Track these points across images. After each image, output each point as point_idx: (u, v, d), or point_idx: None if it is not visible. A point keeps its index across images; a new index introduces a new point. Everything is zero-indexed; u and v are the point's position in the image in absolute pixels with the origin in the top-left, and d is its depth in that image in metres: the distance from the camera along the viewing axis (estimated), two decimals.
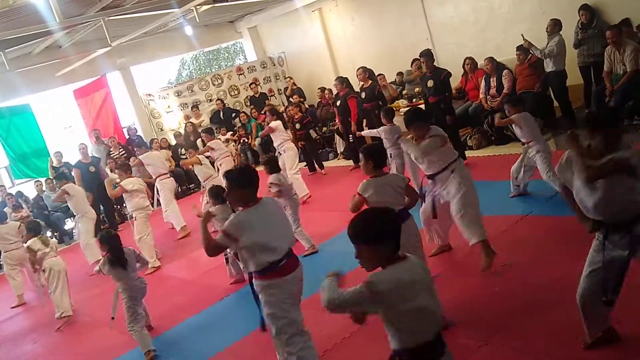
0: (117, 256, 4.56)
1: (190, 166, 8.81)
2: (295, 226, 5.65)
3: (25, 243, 6.16)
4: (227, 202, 4.59)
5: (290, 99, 12.51)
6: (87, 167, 9.33)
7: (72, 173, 10.69)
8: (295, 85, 12.94)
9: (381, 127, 6.68)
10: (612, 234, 2.72)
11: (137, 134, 12.08)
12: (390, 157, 6.51)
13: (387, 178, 3.70)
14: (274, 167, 5.93)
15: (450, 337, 2.44)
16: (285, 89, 13.40)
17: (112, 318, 4.67)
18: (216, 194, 5.38)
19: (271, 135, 8.52)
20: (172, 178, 8.72)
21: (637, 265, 2.83)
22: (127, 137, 12.01)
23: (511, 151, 7.49)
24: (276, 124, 8.37)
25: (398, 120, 7.12)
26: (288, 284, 3.19)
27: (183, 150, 11.56)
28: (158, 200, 8.52)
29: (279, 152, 8.41)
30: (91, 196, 8.42)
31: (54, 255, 5.96)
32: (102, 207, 9.61)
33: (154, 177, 8.27)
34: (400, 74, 10.63)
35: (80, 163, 9.41)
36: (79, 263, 7.95)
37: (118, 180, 7.40)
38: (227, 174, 3.39)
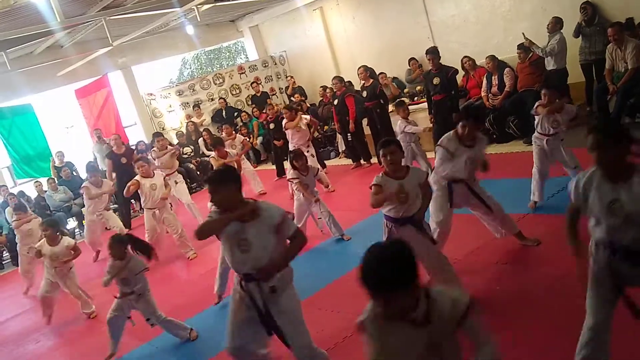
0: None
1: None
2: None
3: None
4: None
5: (292, 98, 12.50)
6: (119, 158, 9.23)
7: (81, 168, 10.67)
8: (296, 84, 12.93)
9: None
10: None
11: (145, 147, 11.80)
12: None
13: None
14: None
15: None
16: (287, 87, 13.39)
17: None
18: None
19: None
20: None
21: None
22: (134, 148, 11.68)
23: (513, 149, 7.48)
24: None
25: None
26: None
27: (188, 150, 11.59)
28: None
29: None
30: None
31: None
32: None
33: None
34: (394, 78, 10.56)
35: (112, 154, 9.32)
36: (79, 263, 7.93)
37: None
38: None
